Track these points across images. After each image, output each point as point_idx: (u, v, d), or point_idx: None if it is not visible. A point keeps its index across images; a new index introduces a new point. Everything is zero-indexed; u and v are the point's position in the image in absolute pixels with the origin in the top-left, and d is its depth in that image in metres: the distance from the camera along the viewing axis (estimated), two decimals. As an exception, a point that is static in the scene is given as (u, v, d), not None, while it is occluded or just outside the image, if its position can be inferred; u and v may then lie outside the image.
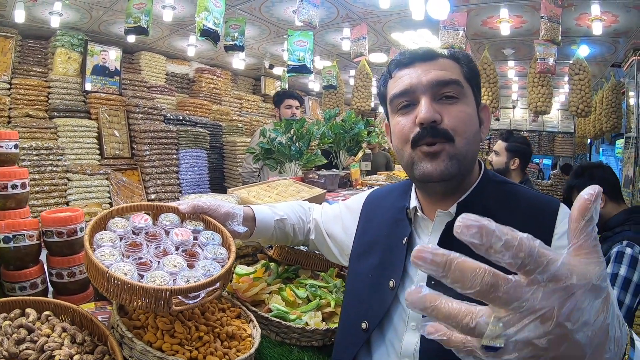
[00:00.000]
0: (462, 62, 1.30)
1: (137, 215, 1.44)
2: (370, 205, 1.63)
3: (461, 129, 1.22)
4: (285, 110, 4.89)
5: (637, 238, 2.77)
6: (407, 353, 1.25)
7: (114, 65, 5.82)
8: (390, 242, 1.41)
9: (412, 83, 1.26)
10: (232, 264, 1.37)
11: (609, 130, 7.22)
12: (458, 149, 1.22)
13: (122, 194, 5.00)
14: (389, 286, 1.33)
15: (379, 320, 1.32)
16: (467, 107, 1.26)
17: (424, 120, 1.20)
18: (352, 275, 1.53)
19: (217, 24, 4.22)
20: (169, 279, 1.22)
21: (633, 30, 5.60)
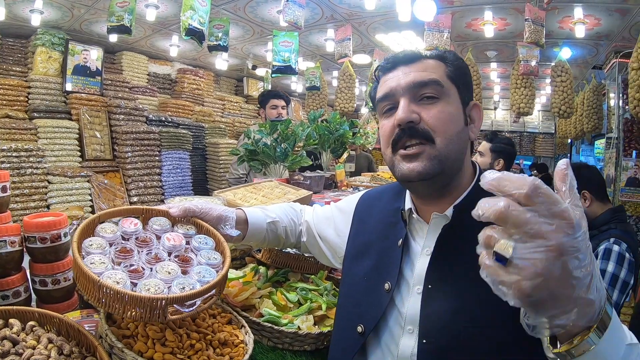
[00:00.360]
0: (448, 61, 1.30)
1: (126, 220, 1.39)
2: (363, 207, 1.61)
3: (441, 128, 1.22)
4: (271, 110, 4.81)
5: (623, 236, 2.82)
6: (404, 356, 1.23)
7: (95, 65, 5.73)
8: (386, 244, 1.39)
9: (391, 86, 1.27)
10: (227, 270, 1.33)
11: (590, 131, 7.30)
12: (439, 150, 1.21)
13: (103, 196, 4.91)
14: (385, 289, 1.31)
15: (375, 324, 1.30)
16: (448, 106, 1.25)
17: (400, 121, 1.21)
18: (346, 278, 1.52)
19: (203, 23, 4.16)
20: (164, 286, 1.18)
21: (615, 33, 5.68)
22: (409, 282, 1.29)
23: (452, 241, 1.23)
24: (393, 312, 1.30)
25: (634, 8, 4.84)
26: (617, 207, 3.12)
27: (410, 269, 1.30)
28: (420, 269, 1.27)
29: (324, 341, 1.66)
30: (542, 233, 0.65)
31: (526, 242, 0.66)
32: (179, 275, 1.24)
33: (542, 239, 0.65)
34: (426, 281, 1.24)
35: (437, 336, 1.17)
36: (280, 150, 3.44)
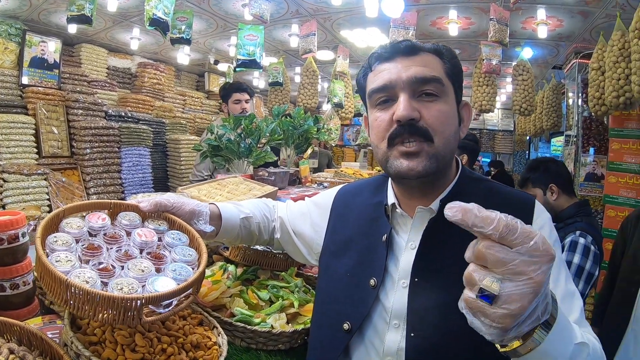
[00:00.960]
0: (445, 58, 1.31)
1: (93, 215, 1.32)
2: (341, 202, 1.58)
3: (440, 128, 1.22)
4: (234, 105, 4.70)
5: (588, 229, 2.89)
6: (389, 352, 1.24)
7: (53, 57, 5.48)
8: (369, 240, 1.38)
9: (391, 78, 1.24)
10: (205, 266, 1.28)
11: (549, 129, 7.47)
12: (437, 149, 1.22)
13: (61, 195, 4.73)
14: (370, 285, 1.30)
15: (362, 321, 1.29)
16: (447, 105, 1.25)
17: (402, 117, 1.20)
18: (325, 275, 1.49)
19: (167, 14, 4.07)
20: (137, 285, 1.11)
21: (576, 35, 5.83)
22: (393, 277, 1.30)
23: (439, 234, 1.24)
24: (377, 307, 1.29)
25: (595, 11, 4.96)
26: (583, 201, 3.21)
27: (395, 263, 1.31)
28: (405, 263, 1.28)
29: (298, 339, 1.64)
30: (525, 271, 0.71)
31: (512, 280, 0.71)
32: (152, 274, 1.18)
33: (525, 275, 0.71)
34: (412, 275, 1.25)
35: (425, 329, 1.19)
36: (245, 146, 3.38)
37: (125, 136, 5.71)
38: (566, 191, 3.21)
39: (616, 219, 4.71)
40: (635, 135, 4.91)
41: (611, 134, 5.14)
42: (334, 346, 1.33)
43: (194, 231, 1.41)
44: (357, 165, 6.08)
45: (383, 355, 1.25)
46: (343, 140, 12.33)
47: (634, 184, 4.89)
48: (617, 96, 4.11)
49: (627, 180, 4.94)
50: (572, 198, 3.23)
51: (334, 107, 7.06)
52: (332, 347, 1.33)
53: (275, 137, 3.79)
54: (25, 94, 5.19)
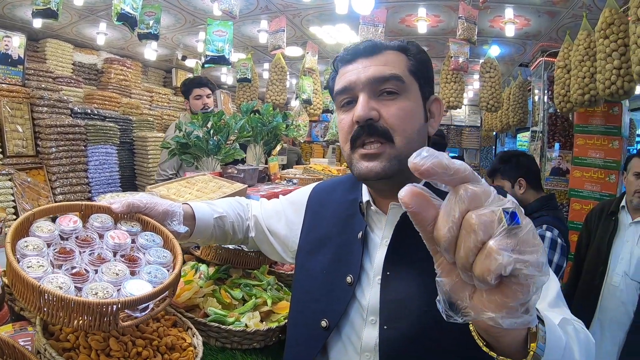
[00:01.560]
0: (410, 54, 1.29)
1: (64, 218, 1.27)
2: (316, 199, 1.58)
3: (400, 127, 1.22)
4: (195, 101, 4.60)
5: (554, 222, 2.95)
6: (367, 348, 1.24)
7: (17, 53, 5.26)
8: (344, 238, 1.38)
9: (351, 80, 1.25)
10: (180, 268, 1.25)
11: (515, 124, 7.62)
12: (398, 150, 1.21)
13: (27, 196, 4.59)
14: (347, 282, 1.30)
15: (339, 317, 1.29)
16: (408, 102, 1.24)
17: (359, 118, 1.20)
18: (302, 273, 1.48)
19: (136, 9, 4.00)
20: (113, 289, 1.08)
21: (542, 34, 5.96)
22: (369, 274, 1.30)
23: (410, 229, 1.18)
24: (354, 304, 1.29)
25: (562, 11, 5.08)
26: (549, 195, 3.27)
27: (370, 260, 1.31)
28: (380, 259, 1.28)
29: (273, 337, 1.64)
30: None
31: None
32: (127, 277, 1.15)
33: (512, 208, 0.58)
34: (384, 269, 1.25)
35: (398, 321, 1.19)
36: (213, 143, 3.35)
37: (91, 134, 5.56)
38: (534, 186, 3.27)
39: (581, 212, 4.84)
40: (600, 132, 5.05)
41: (576, 130, 5.27)
42: (312, 344, 1.33)
43: (167, 232, 1.39)
44: (326, 161, 6.09)
45: (361, 352, 1.25)
46: (311, 137, 12.31)
47: (598, 178, 5.03)
48: (583, 94, 4.22)
49: (591, 174, 5.09)
50: (539, 193, 3.29)
51: (303, 104, 7.05)
52: (310, 345, 1.33)
53: (244, 134, 3.76)
54: (-13, 91, 5.01)
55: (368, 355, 1.24)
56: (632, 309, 3.08)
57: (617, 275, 3.19)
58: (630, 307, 3.09)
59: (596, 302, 3.28)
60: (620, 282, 3.16)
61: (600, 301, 3.26)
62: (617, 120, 4.99)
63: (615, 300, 3.17)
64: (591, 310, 3.28)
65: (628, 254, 3.17)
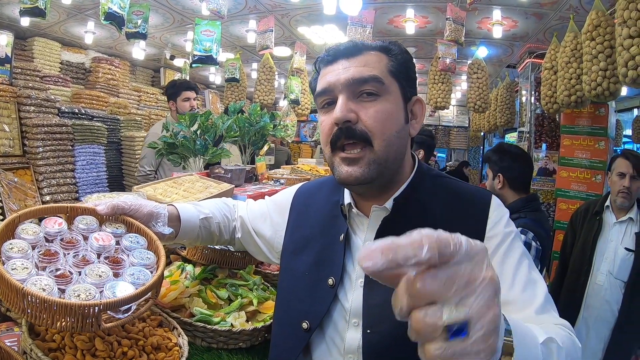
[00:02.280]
0: (392, 54, 1.27)
1: (50, 220, 1.26)
2: (300, 200, 1.58)
3: (379, 130, 1.20)
4: (183, 103, 4.65)
5: (531, 225, 2.92)
6: (350, 350, 1.25)
7: (4, 51, 5.19)
8: (327, 239, 1.38)
9: (330, 81, 1.24)
10: (163, 269, 1.25)
11: (502, 125, 7.68)
12: (377, 154, 1.20)
13: (14, 196, 4.54)
14: (329, 284, 1.30)
15: (320, 320, 1.29)
16: (387, 104, 1.22)
17: (337, 120, 1.19)
18: (286, 273, 1.48)
19: (123, 8, 3.99)
20: (95, 291, 1.08)
21: (530, 35, 6.01)
22: (351, 276, 1.30)
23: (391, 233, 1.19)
24: (337, 306, 1.30)
25: (549, 13, 5.12)
26: (530, 196, 3.22)
27: (352, 263, 1.31)
28: None
29: (259, 337, 1.65)
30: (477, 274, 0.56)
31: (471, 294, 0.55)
32: (110, 279, 1.14)
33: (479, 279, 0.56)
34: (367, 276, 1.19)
35: (380, 325, 1.19)
36: (200, 143, 3.35)
37: (78, 134, 5.51)
38: (513, 186, 3.22)
39: (567, 211, 4.88)
40: (586, 132, 5.11)
41: (563, 131, 5.33)
42: (294, 345, 1.33)
43: (152, 234, 1.38)
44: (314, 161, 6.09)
45: (344, 353, 1.26)
46: (300, 137, 12.32)
47: (584, 178, 5.09)
48: (569, 95, 4.27)
49: (577, 174, 5.15)
50: (519, 193, 3.24)
51: (291, 104, 7.06)
52: (292, 346, 1.34)
53: (232, 135, 3.76)
54: (-25, 90, 4.96)
55: (351, 357, 1.25)
56: (617, 307, 3.12)
57: (601, 274, 3.23)
58: (614, 305, 3.14)
59: (581, 300, 3.32)
60: (604, 281, 3.20)
61: (585, 299, 3.31)
62: (603, 121, 5.06)
63: (600, 298, 3.21)
64: (576, 308, 3.32)
65: (612, 253, 3.21)
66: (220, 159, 3.53)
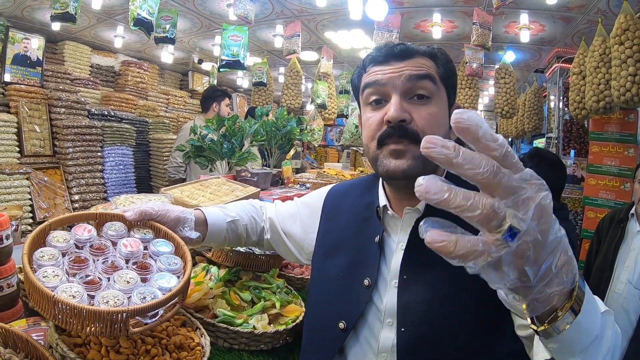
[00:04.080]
0: (440, 62, 1.31)
1: (79, 227, 1.30)
2: (332, 203, 1.60)
3: (429, 131, 1.21)
4: (225, 108, 4.99)
5: None
6: (384, 349, 1.27)
7: (36, 54, 5.35)
8: (361, 241, 1.40)
9: (383, 78, 1.26)
10: (190, 275, 1.27)
11: (530, 131, 7.56)
12: None
13: (43, 195, 4.66)
14: (364, 285, 1.33)
15: (357, 319, 1.31)
16: (437, 108, 1.26)
17: (392, 119, 1.21)
18: (319, 275, 1.51)
19: (152, 14, 4.05)
20: (123, 297, 1.10)
21: (557, 40, 5.91)
22: (385, 277, 1.32)
23: None
24: (371, 307, 1.32)
25: (577, 17, 5.04)
26: (558, 205, 3.19)
27: (386, 264, 1.33)
28: (396, 263, 1.31)
29: (280, 340, 1.67)
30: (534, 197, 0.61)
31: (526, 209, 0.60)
32: (138, 284, 1.17)
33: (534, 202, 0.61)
34: (401, 273, 1.28)
35: (415, 323, 1.22)
36: (227, 147, 3.38)
37: (108, 135, 5.65)
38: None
39: (595, 220, 4.76)
40: (615, 139, 5.00)
41: (591, 137, 5.22)
42: (330, 345, 1.35)
43: (178, 239, 1.40)
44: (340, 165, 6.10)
45: (378, 353, 1.28)
46: (326, 141, 12.34)
47: (613, 186, 4.97)
48: (597, 100, 4.19)
49: (606, 182, 5.03)
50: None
51: (317, 108, 7.07)
52: (328, 347, 1.36)
53: (258, 139, 3.79)
54: (7, 92, 5.08)
55: (385, 356, 1.27)
56: (635, 317, 3.04)
57: (620, 283, 3.16)
58: (632, 315, 3.06)
59: None
60: (623, 290, 3.13)
61: None
62: (632, 128, 4.94)
63: (618, 307, 3.14)
64: (595, 316, 3.26)
65: (633, 262, 3.14)
66: (246, 163, 3.56)
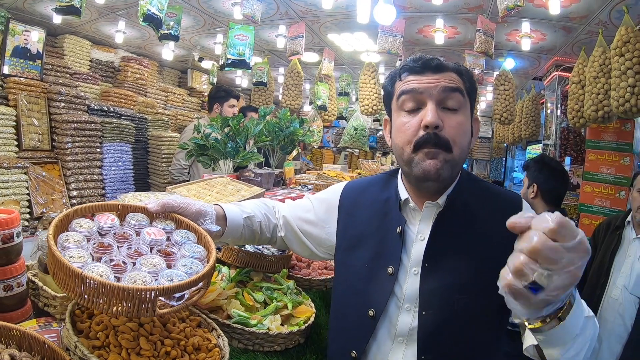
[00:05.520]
0: (465, 78, 1.46)
1: (102, 215, 1.33)
2: (350, 199, 1.69)
3: (459, 139, 1.38)
4: (229, 109, 5.02)
5: None
6: (401, 333, 1.41)
7: (36, 47, 5.30)
8: (382, 233, 1.53)
9: (421, 87, 1.39)
10: (214, 261, 1.29)
11: (527, 137, 7.60)
12: (454, 157, 1.37)
13: (41, 190, 4.61)
14: (388, 272, 1.45)
15: (385, 305, 1.44)
16: (465, 119, 1.41)
17: (430, 124, 1.34)
18: (342, 268, 1.63)
19: (161, 10, 4.02)
20: (151, 279, 1.13)
21: (557, 48, 5.93)
22: (406, 265, 1.45)
23: (446, 225, 1.43)
24: (393, 293, 1.45)
25: (578, 27, 5.06)
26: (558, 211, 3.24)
27: (407, 253, 1.46)
28: (416, 253, 1.44)
29: (293, 340, 1.69)
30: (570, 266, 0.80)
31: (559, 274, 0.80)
32: (164, 268, 1.19)
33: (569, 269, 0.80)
34: (424, 261, 1.41)
35: (435, 307, 1.37)
36: (231, 146, 3.39)
37: (107, 131, 5.60)
38: (545, 198, 3.29)
39: (591, 227, 4.81)
40: (611, 147, 5.06)
41: (588, 145, 5.29)
42: (363, 332, 1.46)
43: (201, 230, 1.44)
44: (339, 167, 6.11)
45: (395, 336, 1.42)
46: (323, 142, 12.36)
47: (608, 194, 5.04)
48: (596, 110, 4.24)
49: (602, 190, 5.10)
50: (549, 207, 3.29)
51: (317, 110, 7.07)
52: (361, 334, 1.47)
53: (263, 139, 3.79)
54: (6, 85, 5.02)
55: (401, 340, 1.41)
56: (630, 323, 3.09)
57: (616, 289, 3.20)
58: (628, 320, 3.11)
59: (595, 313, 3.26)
60: (619, 296, 3.17)
61: (600, 312, 3.28)
62: (629, 137, 5.01)
63: (614, 312, 3.18)
64: (590, 320, 3.29)
65: (629, 268, 3.18)
66: (249, 163, 3.57)
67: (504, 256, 0.85)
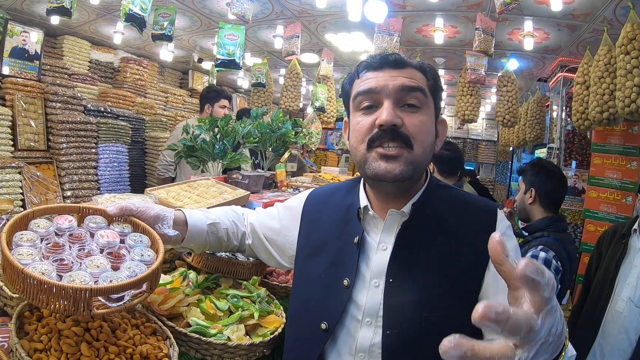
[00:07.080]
0: (429, 75, 1.39)
1: (61, 217, 1.37)
2: (313, 205, 1.64)
3: (420, 137, 1.30)
4: (220, 109, 4.92)
5: (553, 244, 2.85)
6: (362, 349, 1.31)
7: (34, 48, 5.34)
8: (342, 242, 1.45)
9: (377, 85, 1.32)
10: (159, 265, 1.29)
11: (532, 140, 7.50)
12: (415, 156, 1.29)
13: (35, 190, 4.60)
14: (344, 285, 1.37)
15: (338, 319, 1.35)
16: (427, 118, 1.34)
17: (385, 122, 1.26)
18: (301, 277, 1.55)
19: (145, 10, 4.00)
20: (90, 279, 1.15)
21: (562, 48, 5.83)
22: (365, 277, 1.36)
23: (412, 236, 1.35)
24: (350, 307, 1.36)
25: (582, 25, 4.96)
26: (557, 217, 3.15)
27: (366, 264, 1.38)
28: (377, 264, 1.35)
29: (257, 352, 1.61)
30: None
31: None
32: (107, 270, 1.22)
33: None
34: (387, 275, 1.32)
35: (401, 326, 1.27)
36: (219, 148, 3.32)
37: (103, 132, 5.59)
38: (543, 203, 3.16)
39: (596, 233, 4.69)
40: (618, 151, 4.92)
41: (593, 149, 5.15)
42: (313, 346, 1.38)
43: (155, 234, 1.43)
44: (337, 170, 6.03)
45: (355, 352, 1.32)
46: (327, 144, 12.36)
47: (615, 200, 4.89)
48: (601, 111, 4.13)
49: (607, 195, 4.95)
50: (547, 212, 3.17)
51: (316, 111, 7.02)
52: (311, 347, 1.39)
53: (251, 140, 3.73)
54: (3, 85, 5.06)
55: (362, 356, 1.31)
56: (635, 337, 2.93)
57: (621, 301, 3.05)
58: (632, 334, 2.95)
59: (599, 326, 3.15)
60: (624, 308, 3.03)
61: (603, 325, 3.13)
62: (636, 140, 4.85)
63: (618, 326, 3.04)
64: (593, 333, 3.15)
65: (635, 279, 3.03)
66: (239, 164, 3.51)
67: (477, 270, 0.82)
